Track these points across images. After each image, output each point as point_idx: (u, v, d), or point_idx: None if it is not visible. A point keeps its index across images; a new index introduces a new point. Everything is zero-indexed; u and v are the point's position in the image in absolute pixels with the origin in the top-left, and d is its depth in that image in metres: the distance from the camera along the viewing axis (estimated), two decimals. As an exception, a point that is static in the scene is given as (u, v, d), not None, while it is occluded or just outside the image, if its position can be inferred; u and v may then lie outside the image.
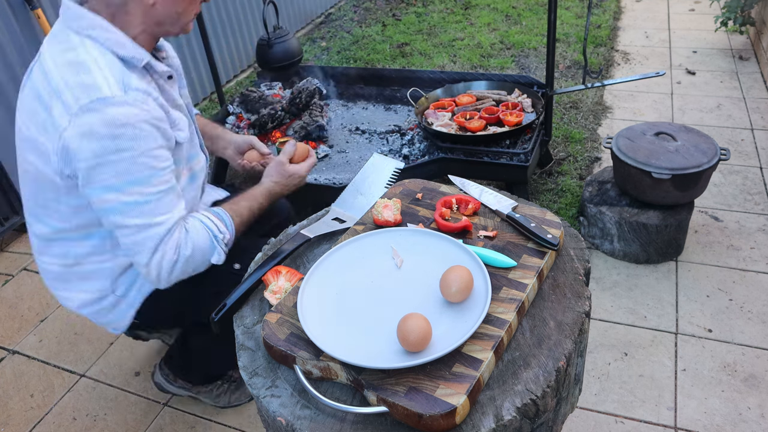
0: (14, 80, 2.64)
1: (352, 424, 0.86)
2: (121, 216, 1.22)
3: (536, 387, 0.86)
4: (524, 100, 2.50)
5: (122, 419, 1.90)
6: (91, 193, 1.21)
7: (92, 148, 1.15)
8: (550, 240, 1.06)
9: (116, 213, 1.21)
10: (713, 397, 1.76)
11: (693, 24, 4.22)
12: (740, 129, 3.00)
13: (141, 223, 1.22)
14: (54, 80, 1.18)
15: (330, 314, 0.98)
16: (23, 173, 1.34)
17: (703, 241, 2.34)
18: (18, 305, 2.42)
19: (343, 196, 1.33)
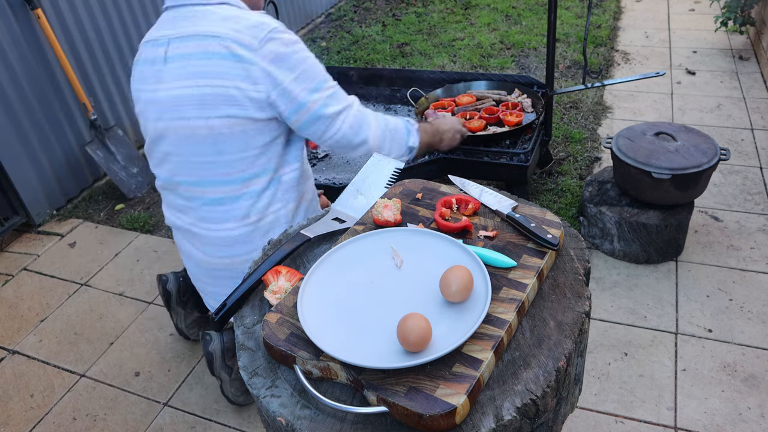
0: (14, 80, 2.64)
1: (352, 424, 0.86)
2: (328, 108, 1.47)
3: (536, 387, 0.86)
4: (524, 100, 2.50)
5: (122, 419, 1.90)
6: (299, 105, 1.44)
7: (288, 65, 1.40)
8: (550, 240, 1.06)
9: (325, 107, 1.46)
10: (713, 397, 1.76)
11: (693, 24, 4.22)
12: (740, 129, 3.00)
13: (343, 106, 1.50)
14: (221, 34, 1.38)
15: (330, 314, 0.98)
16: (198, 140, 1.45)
17: (703, 241, 2.34)
18: (18, 305, 2.42)
19: (343, 196, 1.33)
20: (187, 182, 1.55)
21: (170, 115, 1.46)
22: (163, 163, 1.58)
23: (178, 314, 2.01)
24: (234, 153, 1.47)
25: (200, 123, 1.43)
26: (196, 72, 1.41)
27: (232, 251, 1.59)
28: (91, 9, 2.96)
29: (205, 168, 1.49)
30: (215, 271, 1.64)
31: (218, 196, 1.52)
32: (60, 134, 2.90)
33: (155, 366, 2.08)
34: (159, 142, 1.55)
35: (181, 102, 1.44)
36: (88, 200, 3.03)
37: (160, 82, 1.47)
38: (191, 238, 1.64)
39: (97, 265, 2.59)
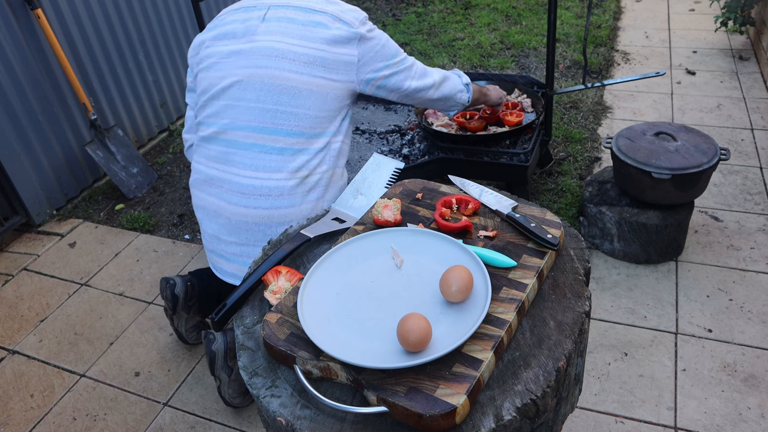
0: (14, 80, 2.64)
1: (352, 424, 0.86)
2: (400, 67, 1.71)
3: (536, 387, 0.86)
4: (524, 100, 2.50)
5: (122, 419, 1.90)
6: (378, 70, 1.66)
7: (375, 38, 1.66)
8: (550, 240, 1.06)
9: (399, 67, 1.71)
10: (713, 397, 1.76)
11: (693, 24, 4.22)
12: (740, 129, 3.00)
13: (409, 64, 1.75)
14: (329, 10, 1.63)
15: (330, 314, 0.98)
16: (282, 90, 1.59)
17: (703, 241, 2.34)
18: (18, 305, 2.42)
19: (343, 196, 1.33)
20: (251, 128, 1.60)
21: (261, 63, 1.58)
22: (227, 109, 1.63)
23: (181, 317, 2.01)
24: (311, 109, 1.60)
25: (291, 75, 1.57)
26: (299, 34, 1.59)
27: (274, 202, 1.62)
28: (91, 9, 2.96)
29: (280, 117, 1.59)
30: (247, 225, 1.65)
31: (280, 146, 1.60)
32: (60, 134, 2.90)
33: (155, 366, 2.08)
34: (231, 88, 1.62)
35: (278, 54, 1.58)
36: (88, 200, 3.03)
37: (253, 34, 1.62)
38: (228, 189, 1.65)
39: (97, 265, 2.59)
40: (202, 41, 1.71)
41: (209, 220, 1.73)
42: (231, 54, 1.63)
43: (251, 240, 1.67)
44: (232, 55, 1.62)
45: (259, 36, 1.61)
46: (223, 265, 1.76)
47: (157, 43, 3.38)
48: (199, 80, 1.70)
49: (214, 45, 1.67)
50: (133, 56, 3.24)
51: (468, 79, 1.98)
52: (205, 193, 1.71)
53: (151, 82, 3.39)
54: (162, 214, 2.87)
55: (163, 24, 3.40)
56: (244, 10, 1.67)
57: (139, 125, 3.37)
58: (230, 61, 1.62)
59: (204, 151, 1.70)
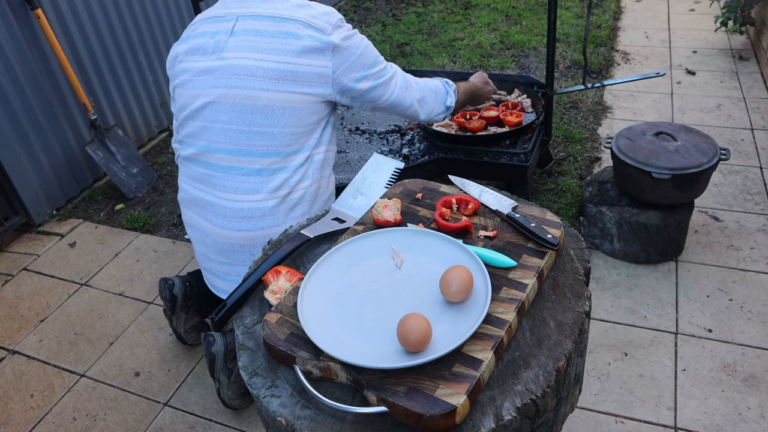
0: (14, 80, 2.64)
1: (352, 424, 0.86)
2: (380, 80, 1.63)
3: (536, 387, 0.86)
4: (524, 100, 2.50)
5: (122, 419, 1.90)
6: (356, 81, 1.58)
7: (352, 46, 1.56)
8: (550, 240, 1.06)
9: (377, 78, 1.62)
10: (713, 397, 1.76)
11: (693, 24, 4.22)
12: (740, 129, 3.00)
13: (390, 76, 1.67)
14: (299, 17, 1.53)
15: (330, 314, 0.98)
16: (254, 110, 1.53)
17: (703, 241, 2.34)
18: (18, 305, 2.42)
19: (343, 196, 1.33)
20: (227, 150, 1.58)
21: (231, 83, 1.53)
22: (203, 131, 1.60)
23: (179, 318, 2.01)
24: (286, 126, 1.55)
25: (262, 94, 1.51)
26: (268, 48, 1.51)
27: (255, 224, 1.61)
28: (91, 9, 2.96)
29: (254, 137, 1.55)
30: (232, 247, 1.65)
31: (257, 167, 1.57)
32: (60, 134, 2.90)
33: (155, 366, 2.08)
34: (205, 110, 1.58)
35: (248, 72, 1.51)
36: (88, 200, 3.03)
37: (222, 51, 1.55)
38: (211, 211, 1.65)
39: (97, 265, 2.59)
40: (176, 55, 1.66)
41: (198, 240, 1.74)
42: (201, 72, 1.57)
43: (239, 260, 1.67)
44: (203, 73, 1.57)
45: (228, 53, 1.54)
46: (215, 282, 1.79)
47: (157, 43, 3.38)
48: (176, 96, 1.67)
49: (186, 60, 1.62)
50: (133, 56, 3.24)
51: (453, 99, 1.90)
52: (192, 212, 1.72)
53: (151, 82, 3.39)
54: (162, 214, 2.87)
55: (163, 24, 3.40)
56: (214, 20, 1.60)
57: (139, 125, 3.37)
58: (201, 80, 1.57)
59: (187, 170, 1.70)
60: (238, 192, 1.59)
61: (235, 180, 1.58)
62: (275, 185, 1.58)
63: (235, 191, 1.59)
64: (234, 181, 1.59)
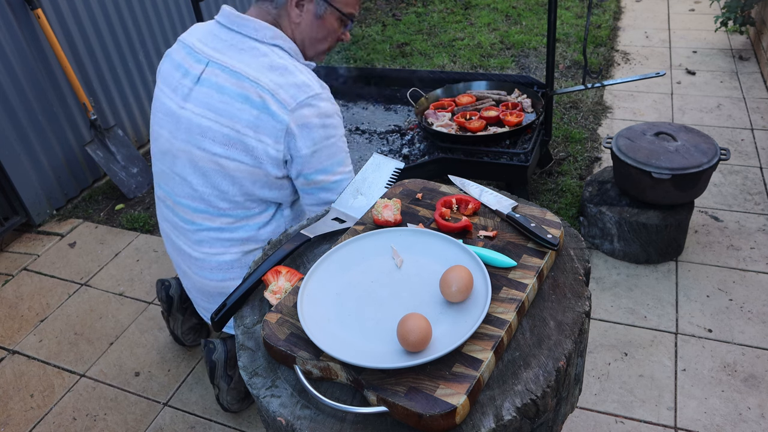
0: (14, 80, 2.64)
1: (352, 424, 0.86)
2: (327, 193, 1.46)
3: (536, 387, 0.86)
4: (524, 100, 2.50)
5: (122, 419, 1.90)
6: (305, 177, 1.43)
7: (311, 137, 1.37)
8: (550, 240, 1.06)
9: (324, 191, 1.46)
10: (713, 397, 1.76)
11: (693, 24, 4.22)
12: (740, 129, 3.00)
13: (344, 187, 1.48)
14: (262, 82, 1.36)
15: (330, 314, 0.98)
16: (207, 172, 1.44)
17: (703, 241, 2.34)
18: (18, 305, 2.42)
19: (343, 196, 1.33)
20: (186, 205, 1.53)
21: (186, 138, 1.45)
22: (167, 178, 1.55)
23: (176, 319, 2.01)
24: (240, 196, 1.47)
25: (214, 158, 1.42)
26: (224, 109, 1.39)
27: (225, 275, 1.58)
28: (91, 9, 2.96)
29: (210, 198, 1.48)
30: (208, 292, 1.64)
31: (217, 225, 1.52)
32: (60, 134, 2.90)
33: (155, 366, 2.08)
34: (165, 157, 1.53)
35: (201, 132, 1.42)
36: (88, 200, 3.03)
37: (186, 100, 1.45)
38: (184, 256, 1.63)
39: (97, 265, 2.59)
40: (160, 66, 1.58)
41: (180, 275, 1.74)
42: (166, 113, 1.49)
43: (217, 301, 1.66)
44: (167, 114, 1.49)
45: (189, 104, 1.44)
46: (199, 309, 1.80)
47: (157, 43, 3.38)
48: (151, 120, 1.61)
49: (160, 84, 1.54)
50: (133, 56, 3.24)
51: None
52: (170, 249, 1.71)
53: (151, 82, 3.39)
54: (162, 214, 2.87)
55: (163, 24, 3.40)
56: (190, 54, 1.48)
57: (139, 125, 3.37)
58: (165, 121, 1.50)
59: (161, 211, 1.67)
60: (203, 245, 1.55)
61: (201, 235, 1.54)
62: (239, 240, 1.53)
63: (200, 244, 1.55)
64: (200, 235, 1.54)
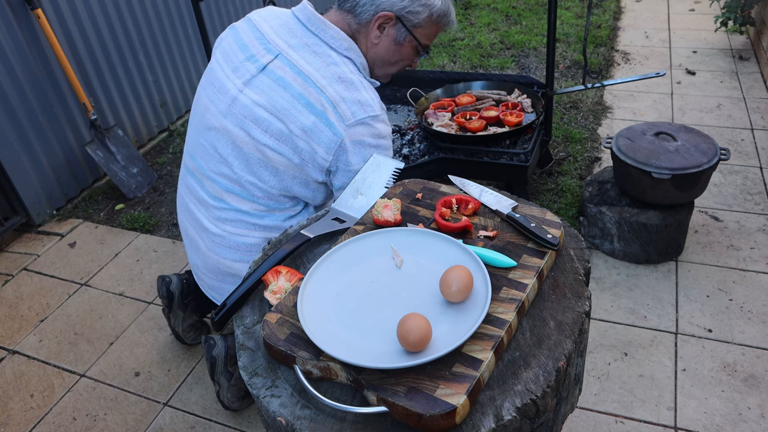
0: (14, 80, 2.64)
1: (352, 424, 0.86)
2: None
3: (536, 387, 0.86)
4: (524, 100, 2.50)
5: (122, 419, 1.90)
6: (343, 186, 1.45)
7: (363, 155, 1.41)
8: (550, 240, 1.06)
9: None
10: (713, 397, 1.76)
11: (693, 24, 4.22)
12: (740, 129, 3.00)
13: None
14: (327, 91, 1.38)
15: (330, 314, 0.98)
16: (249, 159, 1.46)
17: (703, 241, 2.34)
18: (18, 305, 2.42)
19: (343, 196, 1.33)
20: (218, 183, 1.52)
21: (238, 122, 1.45)
22: (204, 152, 1.54)
23: (177, 317, 2.01)
24: (277, 188, 1.48)
25: (262, 148, 1.44)
26: (284, 106, 1.40)
27: (243, 256, 1.58)
28: (91, 9, 2.96)
29: (244, 182, 1.49)
30: (219, 270, 1.64)
31: (245, 209, 1.52)
32: (60, 134, 2.90)
33: (155, 366, 2.08)
34: (210, 133, 1.51)
35: (255, 120, 1.43)
36: (88, 200, 3.03)
37: (246, 85, 1.45)
38: (202, 231, 1.62)
39: (97, 265, 2.59)
40: (223, 38, 1.57)
41: (190, 249, 1.72)
42: (223, 91, 1.49)
43: (228, 281, 1.65)
44: (223, 93, 1.49)
45: (249, 90, 1.44)
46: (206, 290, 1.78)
47: (157, 43, 3.38)
48: (197, 90, 1.61)
49: (219, 57, 1.54)
50: (133, 56, 3.24)
51: None
52: (186, 222, 1.70)
53: (151, 82, 3.39)
54: (162, 214, 2.87)
55: (163, 24, 3.40)
56: (262, 41, 1.48)
57: (139, 125, 3.37)
58: (218, 98, 1.49)
59: (185, 179, 1.66)
60: (225, 222, 1.55)
61: (225, 212, 1.54)
62: (265, 226, 1.54)
63: (222, 221, 1.55)
64: (224, 213, 1.54)
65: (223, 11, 3.86)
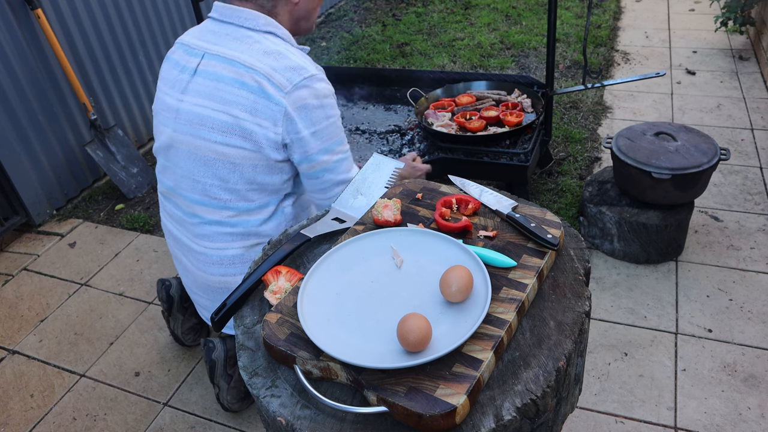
0: (14, 80, 2.64)
1: (352, 424, 0.86)
2: (331, 174, 1.48)
3: (536, 387, 0.86)
4: (524, 100, 2.50)
5: (122, 419, 1.90)
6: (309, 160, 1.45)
7: (310, 118, 1.40)
8: (550, 240, 1.06)
9: (329, 172, 1.48)
10: (713, 397, 1.76)
11: (693, 24, 4.22)
12: (740, 129, 3.00)
13: (344, 178, 1.50)
14: (257, 67, 1.38)
15: (330, 314, 0.98)
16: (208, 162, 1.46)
17: (703, 241, 2.34)
18: (18, 305, 2.42)
19: (343, 196, 1.33)
20: (189, 198, 1.53)
21: (186, 129, 1.47)
22: (169, 171, 1.57)
23: (177, 319, 2.01)
24: (239, 184, 1.47)
25: (214, 147, 1.44)
26: (222, 97, 1.41)
27: (227, 270, 1.58)
28: (91, 9, 2.96)
29: (210, 190, 1.49)
30: (209, 287, 1.64)
31: (217, 219, 1.52)
32: (60, 134, 2.90)
33: (155, 366, 2.08)
34: (168, 151, 1.54)
35: (200, 121, 1.44)
36: (88, 200, 3.03)
37: (184, 92, 1.47)
38: (186, 251, 1.63)
39: (97, 265, 2.59)
40: (161, 70, 1.60)
41: (181, 270, 1.74)
42: (166, 108, 1.52)
43: (219, 299, 1.66)
44: (167, 110, 1.51)
45: (187, 96, 1.46)
46: (199, 309, 1.80)
47: (157, 43, 3.38)
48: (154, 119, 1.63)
49: (159, 85, 1.57)
50: (133, 56, 3.24)
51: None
52: (172, 245, 1.72)
53: (151, 82, 3.39)
54: (162, 214, 2.87)
55: (163, 24, 3.40)
56: (186, 50, 1.51)
57: (139, 125, 3.37)
58: (165, 116, 1.52)
59: (164, 206, 1.68)
60: (205, 239, 1.56)
61: (203, 228, 1.55)
62: (240, 235, 1.53)
63: (202, 237, 1.56)
64: (202, 229, 1.55)
65: (223, 11, 3.85)
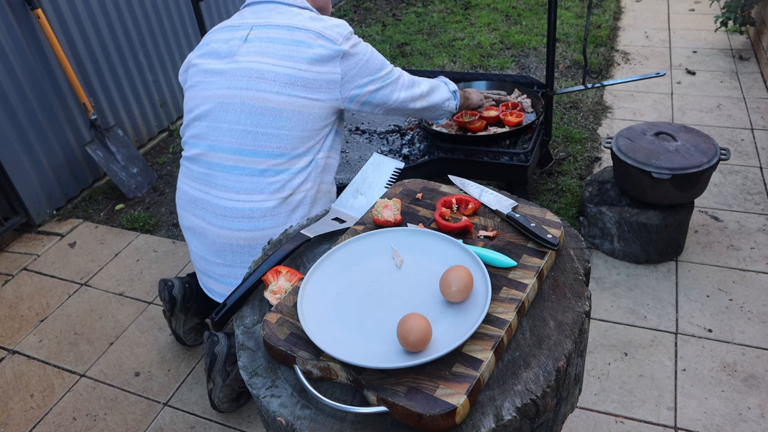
0: (14, 80, 2.64)
1: (352, 424, 0.86)
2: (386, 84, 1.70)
3: (536, 387, 0.86)
4: (524, 100, 2.50)
5: (122, 419, 1.90)
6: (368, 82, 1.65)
7: (359, 53, 1.63)
8: (550, 240, 1.06)
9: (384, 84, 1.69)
10: (713, 397, 1.76)
11: (693, 24, 4.22)
12: (740, 129, 3.00)
13: (395, 78, 1.72)
14: (310, 27, 1.60)
15: (330, 314, 0.98)
16: (263, 111, 1.58)
17: (703, 241, 2.34)
18: (18, 305, 2.42)
19: (343, 196, 1.33)
20: (232, 150, 1.60)
21: (242, 84, 1.58)
22: (209, 132, 1.63)
23: (179, 319, 2.01)
24: (293, 129, 1.58)
25: (272, 96, 1.56)
26: (279, 54, 1.57)
27: (256, 224, 1.61)
28: (91, 9, 2.96)
29: (260, 138, 1.57)
30: (230, 248, 1.65)
31: (261, 168, 1.59)
32: (60, 134, 2.90)
33: (155, 366, 2.08)
34: (213, 111, 1.62)
35: (258, 75, 1.56)
36: (88, 200, 3.03)
37: (235, 55, 1.61)
38: (210, 211, 1.65)
39: (97, 265, 2.59)
40: (189, 60, 1.73)
41: (195, 241, 1.74)
42: (213, 74, 1.62)
43: (237, 261, 1.67)
44: (214, 74, 1.62)
45: (241, 57, 1.60)
46: (212, 285, 1.78)
47: (157, 43, 3.38)
48: (186, 100, 1.70)
49: (199, 63, 1.67)
50: (133, 56, 3.24)
51: (455, 86, 1.99)
52: (189, 213, 1.72)
53: (151, 82, 3.39)
54: (162, 214, 2.87)
55: (163, 24, 3.40)
56: (229, 29, 1.67)
57: (139, 125, 3.37)
58: (212, 82, 1.62)
59: (187, 171, 1.71)
60: (240, 192, 1.60)
61: (238, 180, 1.60)
62: (278, 186, 1.60)
63: (236, 191, 1.60)
64: (236, 181, 1.60)
65: (223, 11, 3.86)
